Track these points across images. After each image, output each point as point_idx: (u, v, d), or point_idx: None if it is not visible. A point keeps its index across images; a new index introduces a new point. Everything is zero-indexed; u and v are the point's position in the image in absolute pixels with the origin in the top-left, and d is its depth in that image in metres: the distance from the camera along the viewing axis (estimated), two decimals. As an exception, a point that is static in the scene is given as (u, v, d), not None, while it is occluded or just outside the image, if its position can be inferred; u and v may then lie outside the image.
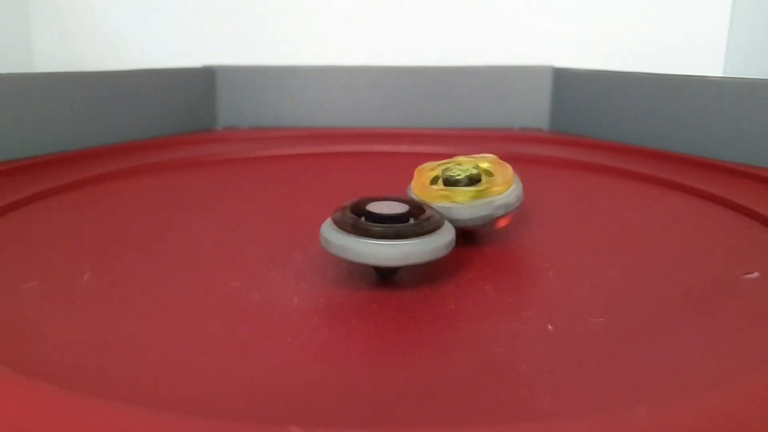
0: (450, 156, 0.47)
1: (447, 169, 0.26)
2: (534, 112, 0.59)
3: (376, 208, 0.21)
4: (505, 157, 0.46)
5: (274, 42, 0.61)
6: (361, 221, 0.21)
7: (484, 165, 0.26)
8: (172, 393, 0.15)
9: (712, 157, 0.43)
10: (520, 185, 0.25)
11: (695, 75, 0.45)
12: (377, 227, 0.20)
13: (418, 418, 0.14)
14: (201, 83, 0.57)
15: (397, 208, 0.22)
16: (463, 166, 0.26)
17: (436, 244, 0.20)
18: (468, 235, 0.27)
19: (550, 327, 0.18)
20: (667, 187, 0.37)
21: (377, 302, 0.20)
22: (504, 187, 0.25)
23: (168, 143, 0.50)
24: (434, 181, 0.26)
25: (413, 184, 0.26)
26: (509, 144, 0.51)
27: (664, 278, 0.22)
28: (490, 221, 0.25)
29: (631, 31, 0.60)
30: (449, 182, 0.25)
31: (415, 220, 0.21)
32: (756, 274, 0.22)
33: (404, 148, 0.49)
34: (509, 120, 0.59)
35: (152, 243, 0.26)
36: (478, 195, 0.24)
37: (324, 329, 0.18)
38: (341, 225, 0.21)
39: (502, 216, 0.25)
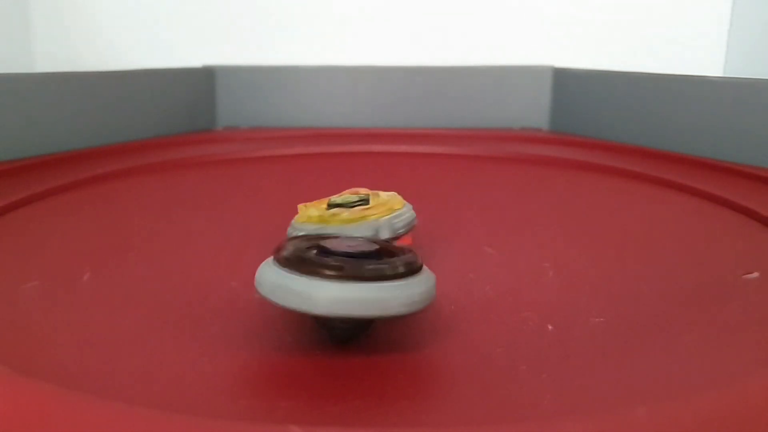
0: (448, 155, 0.47)
1: (331, 199, 0.26)
2: (534, 112, 0.59)
3: (335, 245, 0.17)
4: (505, 157, 0.46)
5: (274, 42, 0.61)
6: (316, 256, 0.16)
7: (366, 193, 0.26)
8: (172, 393, 0.15)
9: (712, 157, 0.43)
10: (411, 214, 0.25)
11: (695, 75, 0.45)
12: (337, 262, 0.16)
13: (417, 418, 0.14)
14: (201, 83, 0.57)
15: (362, 245, 0.17)
16: (343, 195, 0.26)
17: (412, 290, 0.16)
18: None
19: (550, 327, 0.18)
20: (667, 187, 0.37)
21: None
22: (384, 210, 0.24)
23: (168, 143, 0.49)
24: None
25: (296, 218, 0.25)
26: (509, 144, 0.51)
27: (664, 278, 0.22)
28: None
29: (630, 31, 0.60)
30: (333, 206, 0.25)
31: (387, 260, 0.16)
32: (756, 274, 0.22)
33: (404, 148, 0.49)
34: (509, 120, 0.59)
35: (152, 243, 0.26)
36: (360, 217, 0.24)
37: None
38: (286, 262, 0.16)
39: (391, 239, 0.24)
